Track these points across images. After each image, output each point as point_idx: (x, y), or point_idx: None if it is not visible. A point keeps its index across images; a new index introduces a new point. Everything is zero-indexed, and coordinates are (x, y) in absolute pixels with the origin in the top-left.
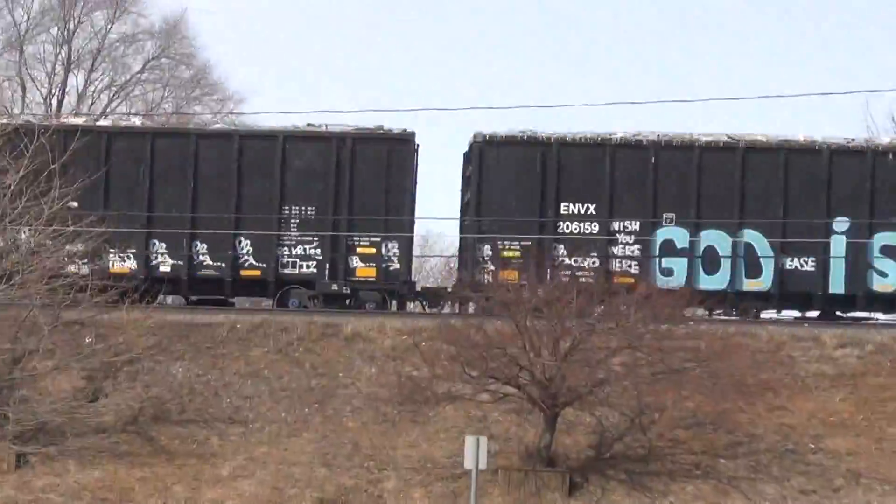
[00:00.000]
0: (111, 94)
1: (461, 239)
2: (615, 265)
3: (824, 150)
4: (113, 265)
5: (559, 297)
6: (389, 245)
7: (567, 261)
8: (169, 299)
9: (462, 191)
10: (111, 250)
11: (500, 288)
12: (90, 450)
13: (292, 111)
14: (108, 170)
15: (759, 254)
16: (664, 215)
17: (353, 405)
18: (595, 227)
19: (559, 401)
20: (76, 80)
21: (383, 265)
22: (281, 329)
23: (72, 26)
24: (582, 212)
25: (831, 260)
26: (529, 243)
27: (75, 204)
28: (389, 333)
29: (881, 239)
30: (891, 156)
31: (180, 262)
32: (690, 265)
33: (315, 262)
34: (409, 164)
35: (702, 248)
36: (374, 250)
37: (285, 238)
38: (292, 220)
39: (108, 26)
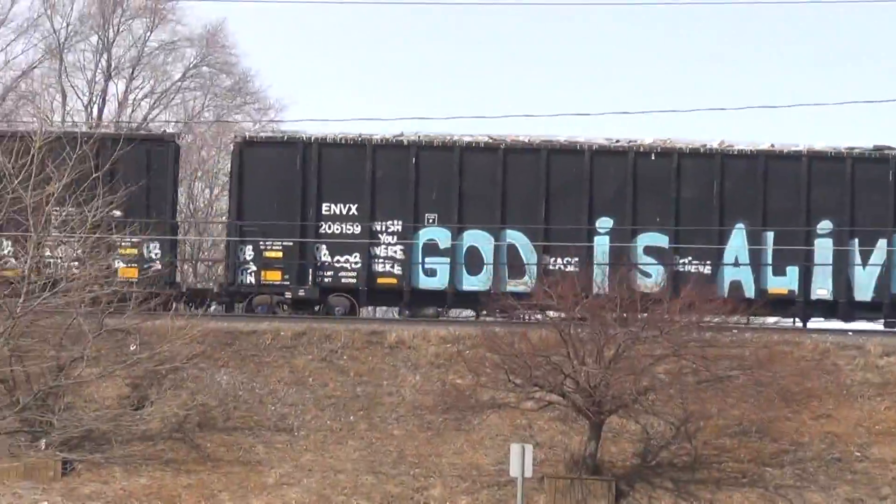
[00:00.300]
0: (152, 102)
1: (227, 240)
2: (378, 266)
3: (586, 151)
4: None
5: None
6: (151, 246)
7: (329, 261)
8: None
9: (229, 192)
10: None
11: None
12: (136, 457)
13: (331, 119)
14: None
15: (521, 254)
16: (426, 216)
17: (397, 413)
18: (357, 228)
19: (604, 409)
20: (116, 87)
21: (145, 266)
22: (325, 337)
23: (111, 34)
24: (344, 212)
25: (595, 260)
26: (291, 244)
27: (119, 213)
28: (433, 341)
29: (644, 239)
30: (653, 156)
31: None
32: (453, 266)
33: (77, 264)
34: (169, 166)
35: (464, 249)
36: (135, 251)
37: (47, 239)
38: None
39: (148, 34)
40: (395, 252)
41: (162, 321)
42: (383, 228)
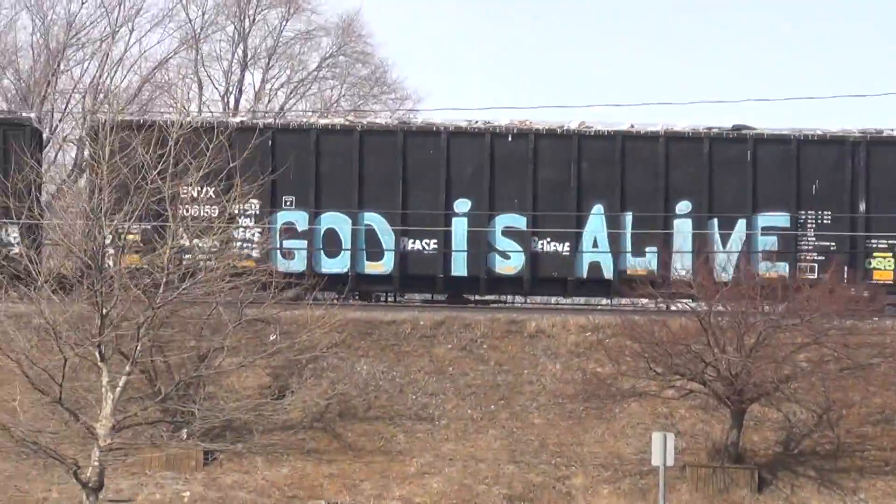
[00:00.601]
0: (288, 92)
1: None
2: (237, 249)
3: (442, 132)
4: None
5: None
6: (10, 230)
7: (188, 244)
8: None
9: (87, 177)
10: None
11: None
12: (277, 446)
13: (468, 108)
14: None
15: (380, 237)
16: (284, 198)
17: (538, 402)
18: (214, 211)
19: (745, 397)
20: (253, 77)
21: (3, 250)
22: (464, 326)
23: (247, 24)
24: (203, 195)
25: (453, 243)
26: (150, 228)
27: (257, 202)
28: (573, 330)
29: (503, 221)
30: (510, 137)
31: None
32: (311, 249)
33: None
34: (28, 150)
35: (322, 232)
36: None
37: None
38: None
39: (283, 24)
40: (254, 235)
41: (301, 311)
42: (241, 211)
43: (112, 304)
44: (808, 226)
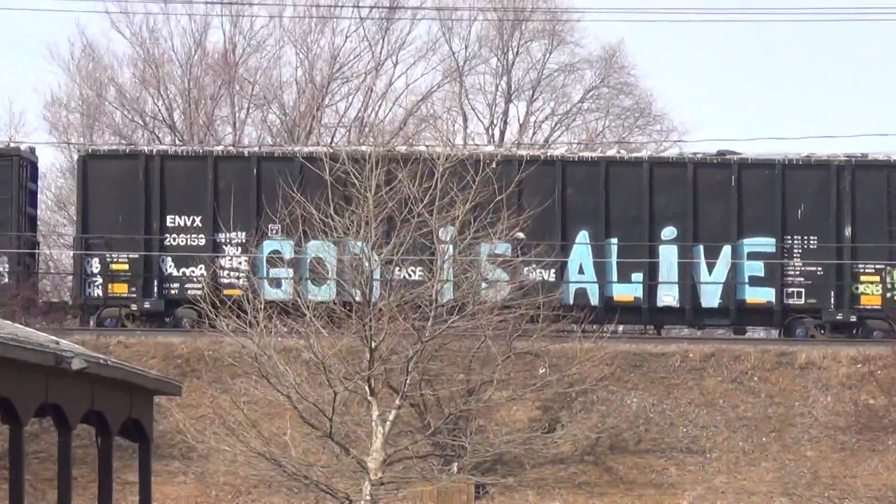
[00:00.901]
0: (553, 124)
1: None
2: (223, 277)
3: (427, 160)
4: None
5: None
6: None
7: (175, 273)
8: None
9: (75, 205)
10: None
11: None
12: (548, 480)
13: (739, 139)
14: None
15: (367, 265)
16: (270, 227)
17: (810, 434)
18: (202, 240)
19: None
20: (517, 110)
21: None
22: (734, 358)
23: (510, 57)
24: (188, 224)
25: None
26: (137, 256)
27: (522, 235)
28: (844, 362)
29: (488, 248)
30: (493, 164)
31: None
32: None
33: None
34: (13, 180)
35: (309, 260)
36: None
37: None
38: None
39: (547, 56)
40: (241, 263)
41: (571, 344)
42: (227, 240)
43: (381, 337)
44: (795, 251)
